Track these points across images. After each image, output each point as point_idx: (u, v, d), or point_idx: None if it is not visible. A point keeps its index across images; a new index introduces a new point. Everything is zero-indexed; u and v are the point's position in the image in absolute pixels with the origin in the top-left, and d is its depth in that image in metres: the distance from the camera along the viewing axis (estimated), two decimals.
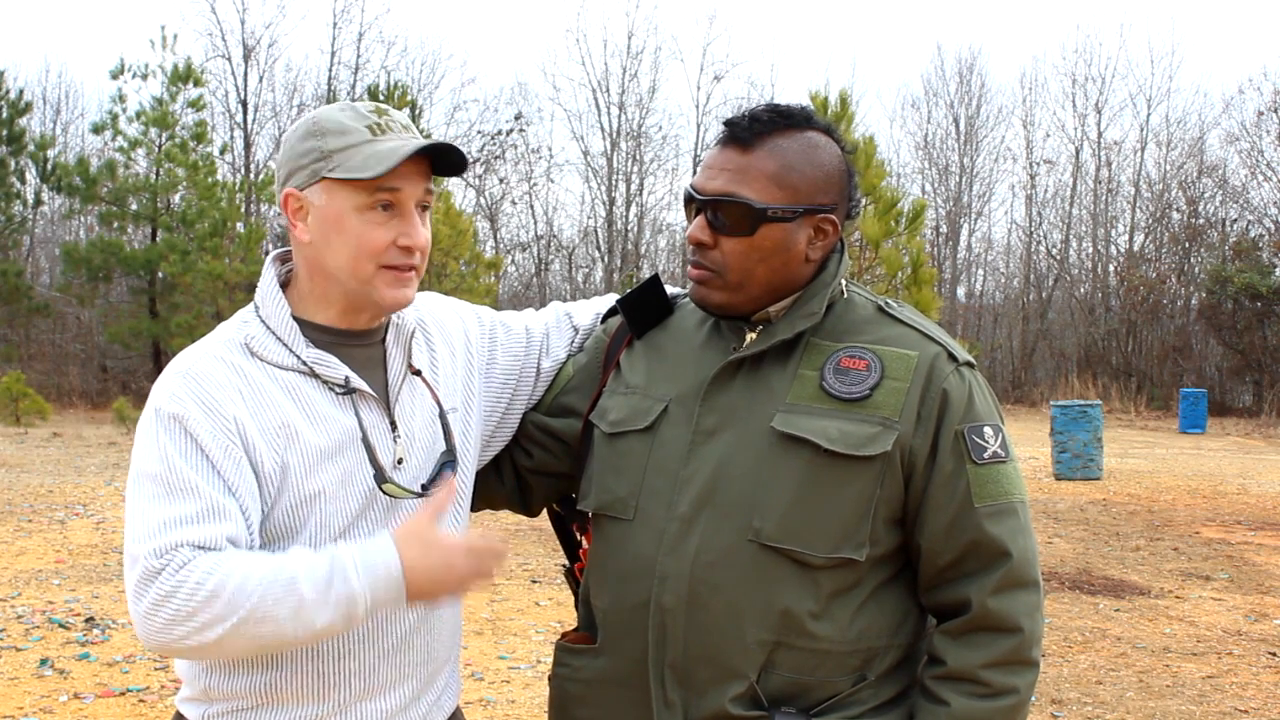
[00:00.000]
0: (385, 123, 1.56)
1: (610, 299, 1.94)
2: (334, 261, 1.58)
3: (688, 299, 1.77)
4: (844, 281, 1.69)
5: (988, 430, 1.60)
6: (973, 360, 1.65)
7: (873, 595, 1.59)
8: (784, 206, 1.58)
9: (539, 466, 1.85)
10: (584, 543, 1.86)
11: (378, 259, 1.56)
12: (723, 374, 1.63)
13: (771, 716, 1.55)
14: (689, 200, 1.64)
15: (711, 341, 1.69)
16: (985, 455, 1.57)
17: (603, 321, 1.90)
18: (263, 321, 1.60)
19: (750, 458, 1.57)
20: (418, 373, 1.69)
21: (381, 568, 1.43)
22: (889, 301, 1.69)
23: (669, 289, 1.83)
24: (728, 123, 1.62)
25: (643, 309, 1.78)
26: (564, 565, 1.94)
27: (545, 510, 1.97)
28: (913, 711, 1.59)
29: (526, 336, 1.88)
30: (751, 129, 1.60)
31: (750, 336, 1.64)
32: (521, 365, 1.85)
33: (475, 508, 1.91)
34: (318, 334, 1.61)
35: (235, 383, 1.53)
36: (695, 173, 1.66)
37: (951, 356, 1.61)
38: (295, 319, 1.60)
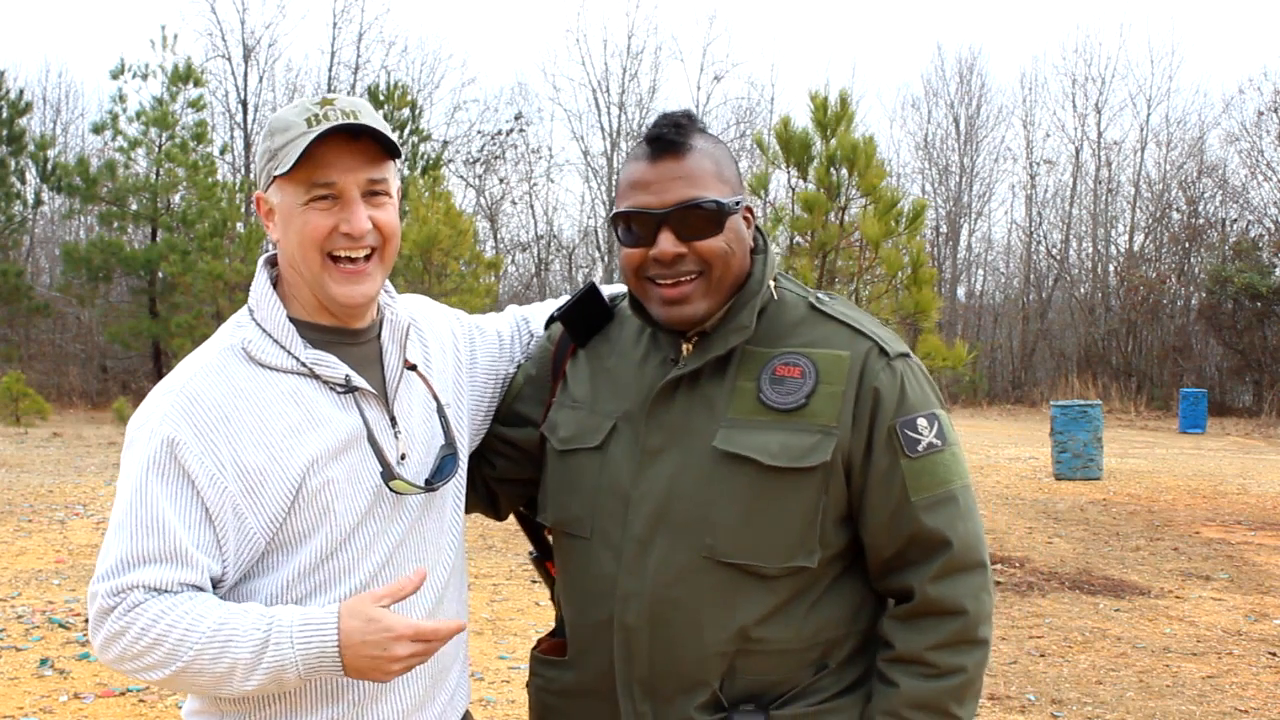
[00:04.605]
0: (325, 113, 1.55)
1: (554, 305, 1.93)
2: (290, 255, 1.59)
3: (626, 302, 1.78)
4: (772, 283, 1.69)
5: (920, 421, 1.60)
6: (906, 350, 1.66)
7: (827, 591, 1.62)
8: (733, 199, 1.62)
9: (502, 475, 1.87)
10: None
11: (321, 247, 1.56)
12: (663, 393, 1.64)
13: (730, 717, 1.58)
14: (640, 221, 1.60)
15: (650, 354, 1.69)
16: (919, 448, 1.59)
17: (546, 328, 1.91)
18: (258, 324, 1.59)
19: (696, 477, 1.59)
20: (413, 367, 1.69)
21: (316, 640, 1.44)
22: (820, 296, 1.70)
23: (606, 289, 1.83)
24: (656, 138, 1.61)
25: (583, 318, 1.79)
26: (532, 553, 1.98)
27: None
28: (870, 694, 1.63)
29: (499, 339, 1.90)
30: (680, 134, 1.60)
31: (686, 347, 1.65)
32: (497, 367, 1.87)
33: None
34: (314, 333, 1.61)
35: (232, 401, 1.52)
36: (618, 198, 1.65)
37: (883, 351, 1.62)
38: (291, 320, 1.60)
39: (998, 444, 17.32)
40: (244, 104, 27.24)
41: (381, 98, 22.71)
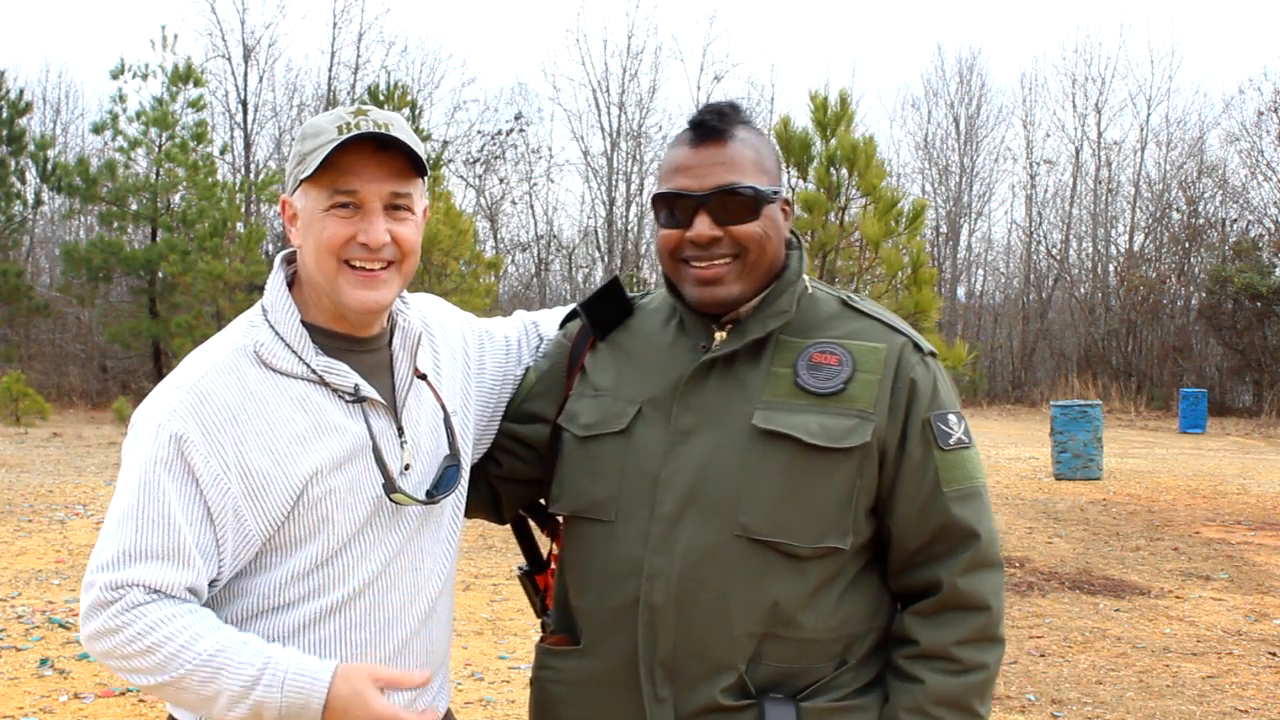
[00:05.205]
0: (357, 122, 1.54)
1: (570, 307, 1.96)
2: (308, 261, 1.59)
3: (648, 300, 1.80)
4: (806, 278, 1.73)
5: (952, 417, 1.64)
6: (934, 350, 1.70)
7: (853, 583, 1.63)
8: (771, 188, 1.65)
9: (508, 474, 1.86)
10: (553, 548, 1.88)
11: (337, 255, 1.55)
12: (697, 374, 1.65)
13: (760, 703, 1.57)
14: (680, 204, 1.63)
15: (679, 342, 1.71)
16: (951, 441, 1.62)
17: (561, 326, 1.92)
18: (271, 327, 1.59)
19: (732, 456, 1.59)
20: (423, 376, 1.69)
21: (305, 695, 1.44)
22: (851, 296, 1.73)
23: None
24: (698, 124, 1.65)
25: (604, 310, 1.80)
26: (521, 569, 1.97)
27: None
28: (888, 692, 1.63)
29: (506, 344, 1.89)
30: (724, 122, 1.64)
31: (720, 335, 1.66)
32: (505, 371, 1.87)
33: None
34: (326, 340, 1.61)
35: (241, 403, 1.52)
36: (659, 181, 1.68)
37: (917, 347, 1.67)
38: (304, 324, 1.60)
39: (998, 444, 17.32)
40: (244, 104, 27.23)
41: (381, 98, 22.69)
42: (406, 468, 1.62)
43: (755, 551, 1.57)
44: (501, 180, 30.87)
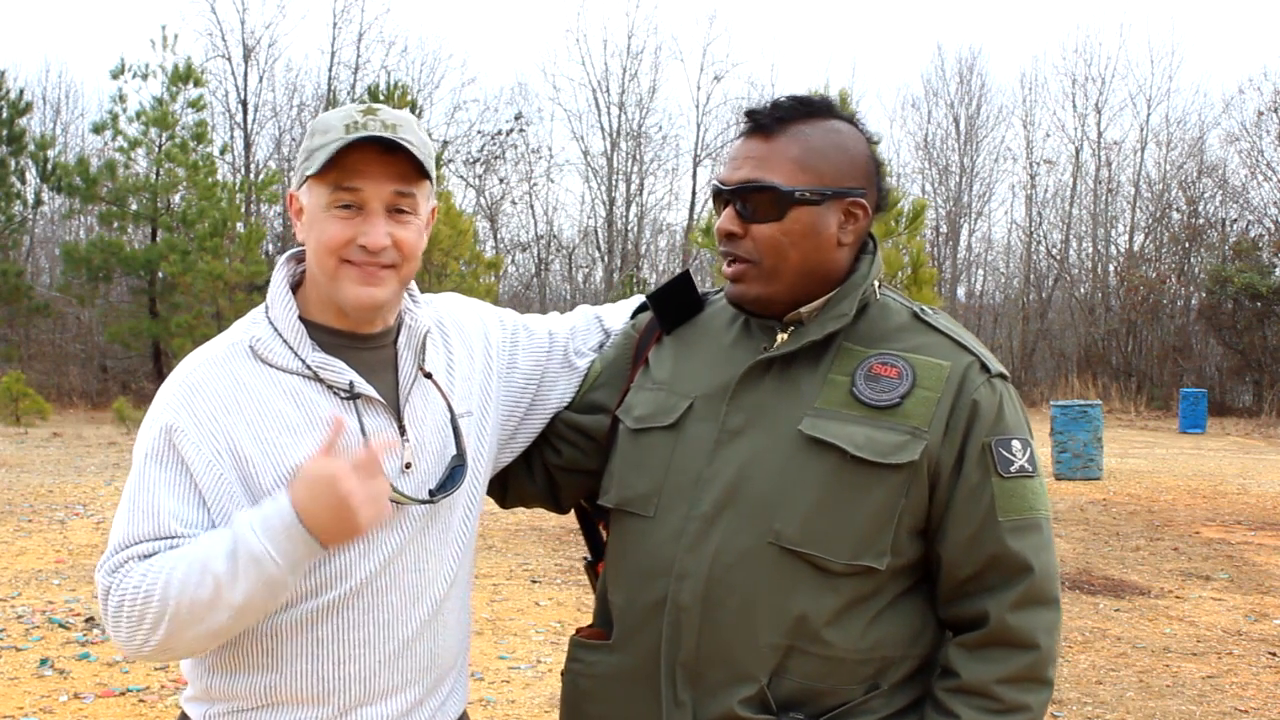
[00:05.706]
0: (365, 121, 1.54)
1: (640, 299, 1.93)
2: (310, 258, 1.59)
3: (719, 296, 1.77)
4: (878, 284, 1.67)
5: (1015, 444, 1.57)
6: (1005, 372, 1.62)
7: (891, 605, 1.57)
8: (811, 189, 1.57)
9: (568, 464, 1.84)
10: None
11: (338, 254, 1.55)
12: (752, 373, 1.61)
13: None
14: (717, 195, 1.63)
15: (741, 341, 1.67)
16: (1012, 469, 1.55)
17: (632, 318, 1.89)
18: (271, 323, 1.59)
19: (775, 460, 1.55)
20: (429, 375, 1.67)
21: (275, 517, 1.42)
22: (924, 309, 1.67)
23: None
24: (749, 113, 1.61)
25: (673, 305, 1.77)
26: (585, 559, 1.94)
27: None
28: None
29: (549, 340, 1.86)
30: (774, 115, 1.59)
31: (781, 337, 1.62)
32: (543, 369, 1.84)
33: (508, 505, 1.92)
34: (326, 336, 1.60)
35: (233, 393, 1.53)
36: (716, 170, 1.67)
37: (984, 367, 1.59)
38: (304, 321, 1.60)
39: None
40: (244, 104, 27.24)
41: (381, 98, 22.70)
42: (408, 466, 1.61)
43: (786, 561, 1.52)
44: (501, 180, 30.91)
